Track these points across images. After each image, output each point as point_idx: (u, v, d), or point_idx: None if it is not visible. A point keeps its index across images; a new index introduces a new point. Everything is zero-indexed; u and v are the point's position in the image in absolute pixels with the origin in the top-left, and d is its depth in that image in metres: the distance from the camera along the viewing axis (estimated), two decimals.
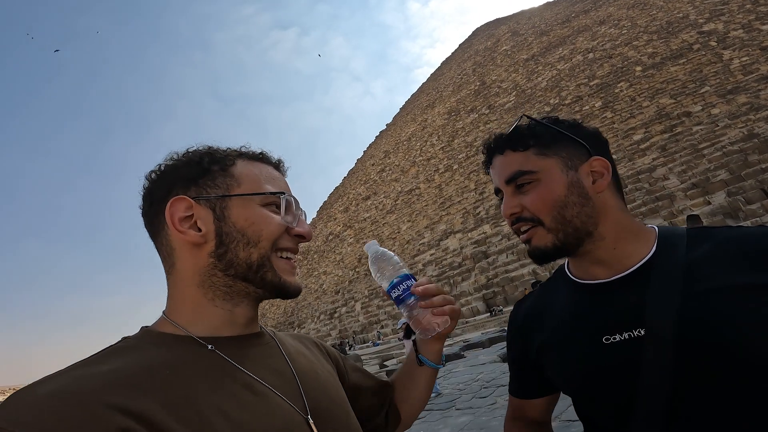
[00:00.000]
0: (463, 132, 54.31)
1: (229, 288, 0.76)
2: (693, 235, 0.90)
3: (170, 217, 0.74)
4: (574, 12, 62.06)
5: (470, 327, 27.10)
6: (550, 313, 1.00)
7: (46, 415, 0.54)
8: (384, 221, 53.63)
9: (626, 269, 0.89)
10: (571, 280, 0.99)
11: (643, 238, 0.92)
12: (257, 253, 0.76)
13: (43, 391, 0.57)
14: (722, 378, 0.76)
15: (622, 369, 0.82)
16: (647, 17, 46.32)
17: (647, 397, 0.79)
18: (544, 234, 0.90)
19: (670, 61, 37.15)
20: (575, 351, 0.90)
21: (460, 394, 7.98)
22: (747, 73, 30.68)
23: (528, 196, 0.91)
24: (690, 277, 0.82)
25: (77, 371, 0.62)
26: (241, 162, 0.81)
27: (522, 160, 0.92)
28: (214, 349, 0.72)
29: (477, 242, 36.67)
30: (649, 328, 0.80)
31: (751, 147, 24.55)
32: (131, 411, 0.57)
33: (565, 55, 50.48)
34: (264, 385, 0.72)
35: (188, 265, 0.76)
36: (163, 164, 0.79)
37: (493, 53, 69.02)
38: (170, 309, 0.76)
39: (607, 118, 36.38)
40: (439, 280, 36.83)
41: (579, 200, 0.89)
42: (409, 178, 56.34)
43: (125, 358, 0.66)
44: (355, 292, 47.63)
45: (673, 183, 26.92)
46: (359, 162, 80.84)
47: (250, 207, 0.77)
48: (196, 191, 0.76)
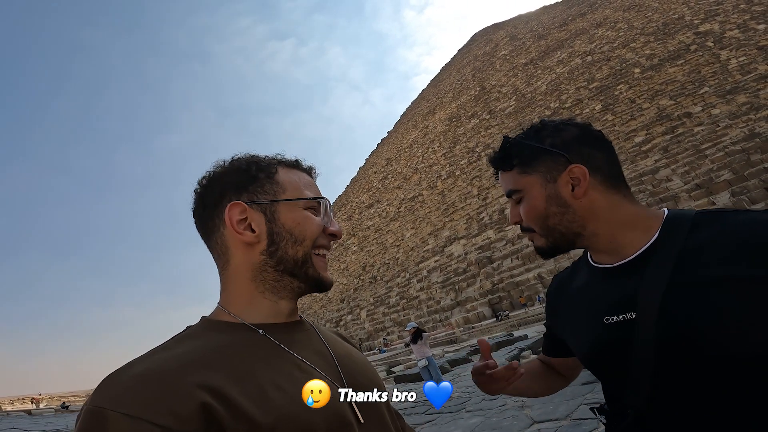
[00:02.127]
0: (464, 138, 54.46)
1: (277, 282, 0.86)
2: (699, 220, 0.93)
3: (229, 220, 0.84)
4: (570, 15, 62.39)
5: (477, 332, 27.05)
6: (572, 290, 1.10)
7: (138, 394, 0.62)
8: (388, 229, 53.67)
9: (627, 257, 0.95)
10: (588, 262, 1.08)
11: (643, 226, 0.96)
12: (302, 250, 0.86)
13: (132, 372, 0.66)
14: (696, 367, 0.82)
15: (618, 347, 0.91)
16: (643, 19, 46.54)
17: (636, 373, 0.88)
18: (539, 238, 1.02)
19: (668, 62, 37.28)
20: (584, 328, 1.00)
21: (470, 397, 8.00)
22: (745, 73, 30.79)
23: (522, 208, 1.02)
24: (682, 265, 0.87)
25: (157, 355, 0.71)
26: (281, 169, 0.91)
27: (511, 179, 1.03)
28: (264, 334, 0.81)
29: (481, 248, 36.66)
30: (639, 312, 0.88)
31: (753, 146, 24.60)
32: (208, 386, 0.66)
33: (564, 58, 50.70)
34: (308, 364, 0.81)
35: (242, 262, 0.86)
36: (212, 171, 0.90)
37: (492, 58, 69.34)
38: (225, 300, 0.87)
39: (608, 121, 36.49)
40: (444, 287, 36.83)
41: (558, 210, 0.98)
42: (412, 185, 56.43)
43: (194, 342, 0.75)
44: (360, 299, 47.58)
45: (676, 184, 26.95)
46: (361, 170, 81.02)
47: (295, 210, 0.87)
48: (248, 197, 0.86)
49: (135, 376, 0.65)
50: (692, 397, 0.84)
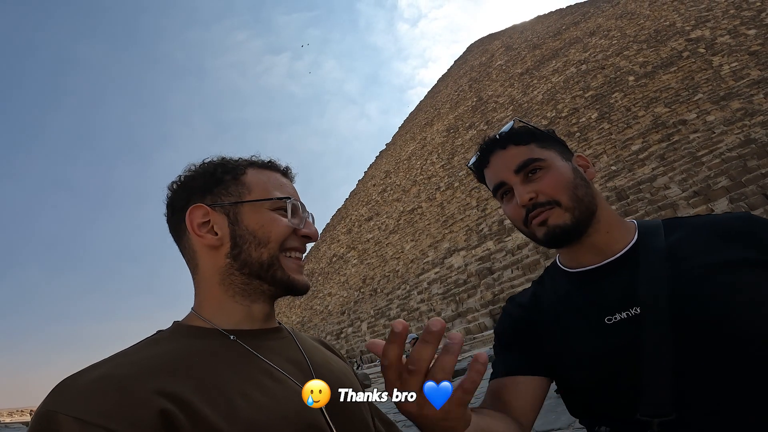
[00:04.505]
0: (462, 149, 54.59)
1: (246, 285, 0.84)
2: (667, 224, 0.99)
3: (190, 223, 0.84)
4: (564, 24, 62.93)
5: (478, 342, 26.84)
6: (546, 304, 1.05)
7: (92, 399, 0.60)
8: (387, 241, 53.59)
9: (615, 254, 0.97)
10: (563, 271, 1.06)
11: (626, 226, 1.02)
12: (267, 252, 0.83)
13: (89, 377, 0.64)
14: (716, 350, 0.81)
15: (627, 347, 0.86)
16: (635, 26, 46.93)
17: (651, 374, 0.82)
18: (561, 213, 0.96)
19: (662, 69, 37.49)
20: (580, 336, 0.94)
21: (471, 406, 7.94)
22: (738, 79, 30.93)
23: (542, 181, 0.98)
24: (674, 257, 0.90)
25: (117, 360, 0.69)
26: (251, 170, 0.90)
27: (528, 151, 1.01)
28: (236, 340, 0.79)
29: (481, 259, 36.56)
30: (643, 306, 0.86)
31: (749, 152, 24.61)
32: (168, 393, 0.63)
33: (559, 67, 51.03)
34: (281, 372, 0.79)
35: (209, 266, 0.85)
36: (182, 175, 0.90)
37: (488, 68, 69.81)
38: (197, 305, 0.85)
39: (605, 129, 36.59)
40: (444, 298, 36.64)
41: (583, 183, 1.00)
42: (411, 197, 56.47)
43: (160, 347, 0.73)
44: (360, 312, 47.36)
45: (674, 192, 26.91)
46: (360, 183, 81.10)
47: (260, 211, 0.86)
48: (212, 199, 0.86)
49: (91, 381, 0.63)
50: (723, 387, 0.79)
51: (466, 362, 16.77)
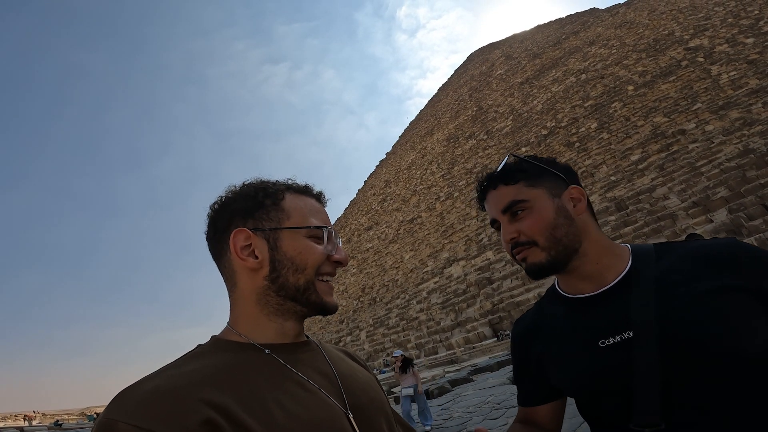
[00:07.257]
0: (462, 159, 54.67)
1: (281, 306, 0.89)
2: (659, 249, 1.05)
3: (233, 246, 0.87)
4: (564, 33, 63.28)
5: (478, 352, 26.64)
6: (546, 327, 1.12)
7: (148, 407, 0.66)
8: (387, 251, 53.50)
9: (609, 282, 1.02)
10: (562, 296, 1.11)
11: (618, 254, 1.06)
12: (304, 278, 0.88)
13: (144, 388, 0.70)
14: (701, 369, 0.87)
15: (618, 368, 0.92)
16: (635, 36, 47.10)
17: (642, 390, 0.89)
18: (538, 252, 1.03)
19: (661, 78, 37.52)
20: (575, 357, 1.01)
21: (471, 417, 7.81)
22: (736, 88, 30.89)
23: (523, 221, 1.04)
24: (663, 284, 0.95)
25: (168, 372, 0.75)
26: (289, 195, 0.93)
27: (515, 192, 1.06)
28: (270, 354, 0.84)
29: (481, 268, 36.40)
30: (635, 330, 0.92)
31: (748, 162, 24.47)
32: (213, 403, 0.69)
33: (559, 77, 51.19)
34: (312, 384, 0.83)
35: (247, 286, 0.89)
36: (223, 196, 0.93)
37: (488, 78, 70.14)
38: (234, 321, 0.90)
39: (604, 139, 36.55)
40: (444, 308, 36.44)
41: (565, 222, 1.03)
42: (411, 207, 56.49)
43: (203, 360, 0.79)
44: (359, 321, 47.18)
45: (674, 202, 26.76)
46: (360, 192, 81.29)
47: (298, 238, 0.89)
48: (253, 223, 0.89)
49: (146, 392, 0.69)
50: (707, 401, 0.88)
51: (465, 371, 16.59)
